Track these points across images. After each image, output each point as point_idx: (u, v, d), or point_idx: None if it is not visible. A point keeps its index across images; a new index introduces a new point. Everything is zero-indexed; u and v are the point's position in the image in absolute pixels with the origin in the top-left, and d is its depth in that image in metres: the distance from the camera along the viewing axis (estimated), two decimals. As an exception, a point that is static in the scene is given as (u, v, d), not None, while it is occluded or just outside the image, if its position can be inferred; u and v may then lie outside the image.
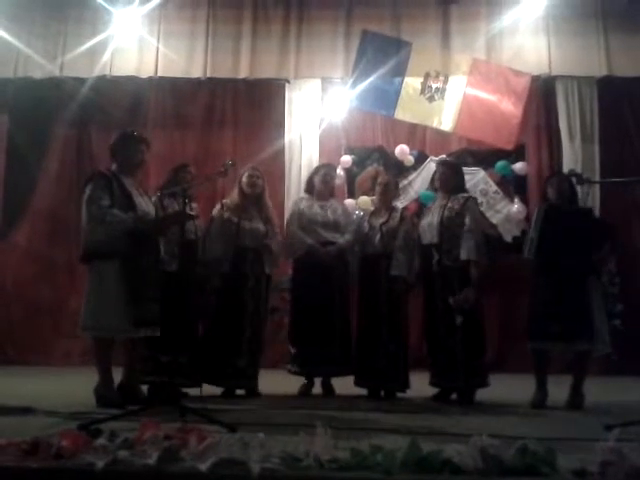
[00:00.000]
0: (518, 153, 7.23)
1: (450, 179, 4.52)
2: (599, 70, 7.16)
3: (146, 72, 7.34)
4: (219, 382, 4.37)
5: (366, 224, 4.66)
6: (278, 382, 4.60)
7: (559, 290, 4.01)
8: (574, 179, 4.08)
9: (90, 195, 3.72)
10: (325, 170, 4.91)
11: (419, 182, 7.19)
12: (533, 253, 4.08)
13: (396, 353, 4.41)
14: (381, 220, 4.61)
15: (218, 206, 4.62)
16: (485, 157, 7.27)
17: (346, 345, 4.61)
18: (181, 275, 3.96)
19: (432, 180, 4.90)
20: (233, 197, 4.62)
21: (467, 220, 4.30)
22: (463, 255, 4.22)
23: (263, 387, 4.49)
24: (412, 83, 7.07)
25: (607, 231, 4.25)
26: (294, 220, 4.72)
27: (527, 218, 6.86)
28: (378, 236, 4.54)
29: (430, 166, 7.04)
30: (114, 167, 3.89)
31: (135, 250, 3.68)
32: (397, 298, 4.47)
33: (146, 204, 3.92)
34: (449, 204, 4.38)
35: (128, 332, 3.70)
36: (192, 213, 3.96)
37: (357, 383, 4.54)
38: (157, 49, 7.31)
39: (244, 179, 4.58)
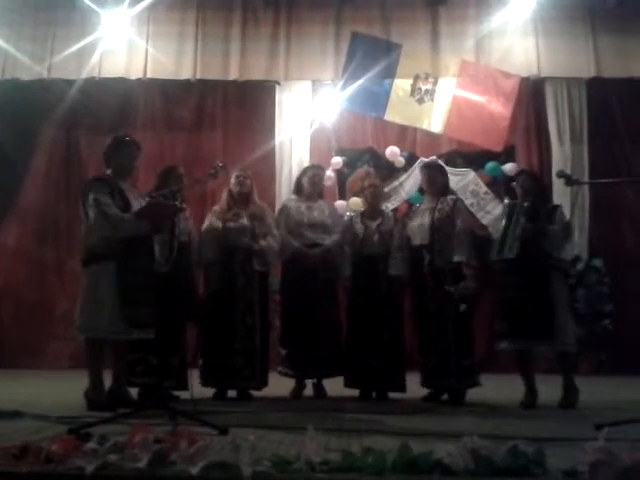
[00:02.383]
0: (508, 154, 7.26)
1: (437, 181, 4.55)
2: (588, 71, 7.22)
3: (135, 74, 7.33)
4: (215, 384, 4.37)
5: (360, 225, 4.66)
6: (270, 384, 4.59)
7: (519, 289, 4.03)
8: (564, 179, 4.08)
9: (97, 198, 3.69)
10: (313, 171, 4.91)
11: (410, 183, 7.21)
12: (498, 253, 4.07)
13: (395, 354, 4.42)
14: (376, 222, 4.62)
15: (208, 215, 4.64)
16: (475, 158, 7.29)
17: (335, 346, 4.60)
18: (173, 277, 3.97)
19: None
20: (221, 202, 4.65)
21: (458, 222, 4.34)
22: (457, 257, 4.24)
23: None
24: (402, 85, 7.10)
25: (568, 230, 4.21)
26: (281, 222, 4.71)
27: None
28: (376, 237, 4.55)
29: (420, 167, 7.07)
30: (109, 172, 3.88)
31: (130, 252, 3.68)
32: (395, 298, 4.48)
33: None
34: (439, 206, 4.40)
35: (120, 333, 3.69)
36: (184, 206, 3.98)
37: (348, 384, 4.53)
38: (146, 51, 7.30)
39: (232, 180, 4.61)
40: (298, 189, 4.88)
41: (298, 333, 4.54)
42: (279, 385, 4.62)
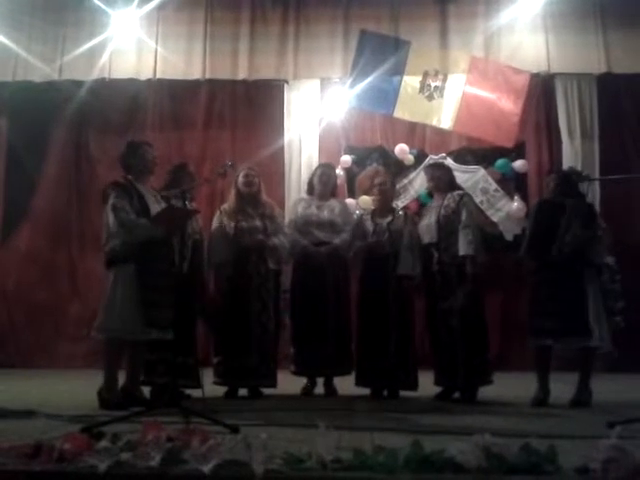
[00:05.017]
0: (518, 151, 7.23)
1: (441, 180, 4.54)
2: (598, 67, 7.17)
3: (145, 74, 7.36)
4: (231, 382, 4.39)
5: (370, 223, 4.66)
6: (281, 382, 4.60)
7: (554, 286, 4.03)
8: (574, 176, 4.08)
9: (114, 203, 3.77)
10: (322, 170, 4.94)
11: (419, 181, 7.17)
12: (525, 250, 4.08)
13: (405, 353, 4.41)
14: (386, 220, 4.62)
15: (217, 213, 4.64)
16: (485, 155, 7.26)
17: (345, 344, 4.61)
18: (186, 276, 3.99)
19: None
20: (230, 201, 4.65)
21: (463, 216, 4.32)
22: (461, 251, 4.24)
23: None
24: (411, 82, 7.06)
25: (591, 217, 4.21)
26: (291, 223, 4.76)
27: (527, 215, 6.87)
28: (386, 236, 4.55)
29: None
30: (130, 177, 3.92)
31: (150, 255, 3.74)
32: (405, 297, 4.48)
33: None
34: (445, 202, 4.41)
35: (140, 334, 3.73)
36: (196, 209, 4.01)
37: (359, 383, 4.53)
38: (155, 51, 7.33)
39: (240, 178, 4.60)
40: (310, 189, 4.91)
41: (308, 331, 4.56)
42: (289, 383, 4.62)
